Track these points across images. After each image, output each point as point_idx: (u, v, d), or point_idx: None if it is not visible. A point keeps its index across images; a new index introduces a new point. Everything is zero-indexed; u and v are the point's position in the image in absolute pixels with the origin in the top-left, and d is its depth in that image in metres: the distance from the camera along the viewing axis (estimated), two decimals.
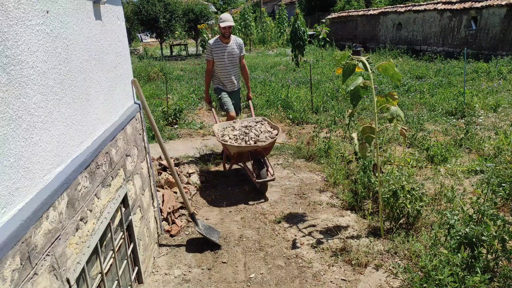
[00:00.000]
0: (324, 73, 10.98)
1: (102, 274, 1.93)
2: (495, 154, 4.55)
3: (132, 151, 2.60)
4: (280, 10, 23.92)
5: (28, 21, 1.37)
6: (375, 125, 3.04)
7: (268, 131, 4.31)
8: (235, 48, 4.91)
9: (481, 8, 12.19)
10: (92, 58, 1.98)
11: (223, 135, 4.28)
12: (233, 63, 4.94)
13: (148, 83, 10.88)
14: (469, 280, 2.18)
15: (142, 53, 19.06)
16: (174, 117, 6.90)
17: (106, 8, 2.29)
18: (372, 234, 3.22)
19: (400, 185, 3.17)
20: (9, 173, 1.20)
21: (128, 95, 2.69)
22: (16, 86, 1.27)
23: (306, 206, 3.83)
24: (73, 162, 1.65)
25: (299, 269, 2.87)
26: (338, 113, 6.74)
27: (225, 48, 4.84)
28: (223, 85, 5.00)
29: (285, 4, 27.15)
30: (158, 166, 4.28)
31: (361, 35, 19.09)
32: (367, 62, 2.98)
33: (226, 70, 4.91)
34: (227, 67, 4.90)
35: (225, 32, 4.75)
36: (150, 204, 3.02)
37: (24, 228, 1.22)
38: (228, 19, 4.77)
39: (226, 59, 4.86)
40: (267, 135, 4.21)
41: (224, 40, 4.82)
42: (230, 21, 4.77)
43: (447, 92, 7.97)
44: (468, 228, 2.47)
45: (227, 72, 4.92)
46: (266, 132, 4.27)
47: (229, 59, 4.88)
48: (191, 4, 21.77)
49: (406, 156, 4.59)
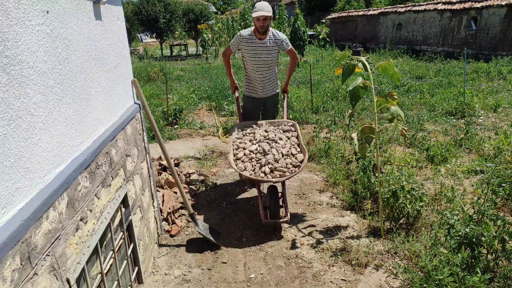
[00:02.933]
0: (324, 73, 10.98)
1: (102, 274, 1.93)
2: (495, 154, 4.55)
3: (132, 151, 2.60)
4: (280, 10, 23.91)
5: (28, 21, 1.37)
6: (375, 125, 3.04)
7: (292, 155, 3.41)
8: (272, 47, 3.89)
9: (481, 8, 12.19)
10: (92, 58, 1.98)
11: (238, 148, 3.57)
12: (268, 64, 3.95)
13: (148, 83, 10.88)
14: (469, 280, 2.18)
15: (142, 53, 19.06)
16: (174, 117, 6.90)
17: (106, 8, 2.29)
18: (372, 234, 3.22)
19: (400, 185, 3.17)
20: (9, 173, 1.20)
21: (128, 95, 2.69)
22: (16, 86, 1.27)
23: (306, 206, 3.83)
24: (73, 162, 1.65)
25: (299, 269, 2.87)
26: (338, 113, 6.74)
27: (258, 46, 3.86)
28: (254, 90, 4.08)
29: (285, 4, 27.14)
30: (158, 166, 4.28)
31: (361, 35, 19.09)
32: (367, 62, 2.98)
33: (259, 72, 3.97)
34: (260, 69, 3.95)
35: (260, 26, 3.74)
36: (150, 204, 3.02)
37: (24, 228, 1.22)
38: (263, 8, 3.68)
39: (258, 59, 3.91)
40: (289, 161, 3.33)
41: (258, 36, 3.83)
42: (265, 10, 3.67)
43: (447, 92, 7.97)
44: (468, 228, 2.47)
45: (259, 75, 3.98)
46: (288, 157, 3.38)
47: (263, 59, 3.90)
48: (191, 4, 21.79)
49: (406, 156, 4.59)
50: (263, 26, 3.73)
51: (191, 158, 5.21)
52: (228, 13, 25.63)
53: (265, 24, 3.73)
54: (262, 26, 3.73)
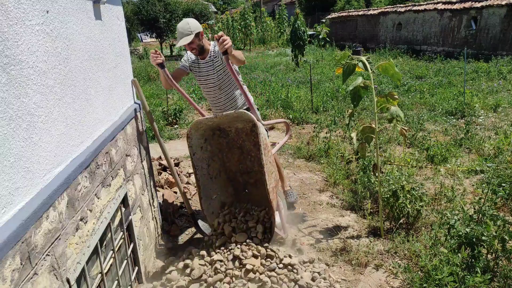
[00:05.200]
0: (324, 73, 10.98)
1: (102, 274, 1.93)
2: (495, 154, 4.55)
3: (132, 151, 2.60)
4: (280, 10, 23.93)
5: (28, 21, 1.37)
6: (375, 125, 3.04)
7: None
8: (216, 63, 3.18)
9: (481, 8, 12.19)
10: (92, 58, 1.98)
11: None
12: (221, 84, 3.26)
13: (148, 83, 10.88)
14: (469, 280, 2.18)
15: (142, 53, 19.06)
16: (174, 117, 6.90)
17: (106, 8, 2.29)
18: (372, 234, 3.22)
19: (400, 185, 3.17)
20: (9, 173, 1.20)
21: (128, 95, 2.69)
22: (16, 86, 1.27)
23: (306, 206, 3.83)
24: (73, 162, 1.65)
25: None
26: (338, 113, 6.74)
27: (201, 66, 3.24)
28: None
29: (285, 4, 27.15)
30: (158, 166, 4.28)
31: (361, 35, 19.09)
32: (367, 62, 2.98)
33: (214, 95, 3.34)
34: (212, 91, 3.32)
35: (191, 50, 3.11)
36: (150, 204, 3.02)
37: (24, 228, 1.22)
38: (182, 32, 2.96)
39: (206, 82, 3.27)
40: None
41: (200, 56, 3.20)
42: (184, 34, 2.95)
43: (447, 92, 7.97)
44: (468, 228, 2.47)
45: (215, 98, 3.36)
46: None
47: (212, 80, 3.25)
48: (191, 4, 21.82)
49: (406, 156, 4.59)
50: (194, 49, 3.07)
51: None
52: (228, 13, 25.63)
53: (195, 47, 3.05)
54: (193, 49, 3.08)
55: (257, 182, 3.19)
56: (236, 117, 2.87)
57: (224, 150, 3.21)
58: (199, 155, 3.02)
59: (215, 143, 3.16)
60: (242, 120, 2.98)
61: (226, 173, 3.27)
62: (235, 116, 2.84)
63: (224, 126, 3.11)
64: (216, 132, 3.14)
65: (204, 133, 3.04)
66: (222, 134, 3.17)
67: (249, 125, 3.04)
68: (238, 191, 3.31)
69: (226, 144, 3.20)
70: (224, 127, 3.13)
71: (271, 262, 2.55)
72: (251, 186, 3.26)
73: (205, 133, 3.06)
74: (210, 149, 3.12)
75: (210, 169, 3.13)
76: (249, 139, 3.12)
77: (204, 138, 3.07)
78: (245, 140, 3.14)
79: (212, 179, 3.14)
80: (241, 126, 3.09)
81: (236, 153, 3.22)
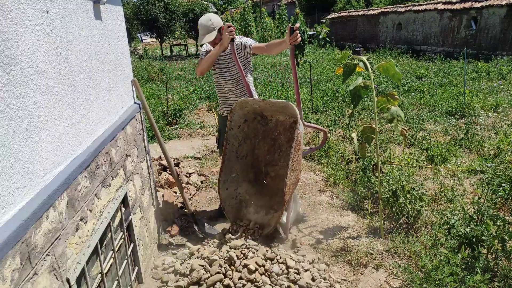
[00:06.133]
0: (324, 73, 10.98)
1: (102, 274, 1.93)
2: (495, 154, 4.55)
3: (132, 151, 2.60)
4: (280, 10, 23.92)
5: (28, 21, 1.37)
6: (375, 125, 3.04)
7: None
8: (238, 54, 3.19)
9: (481, 8, 12.19)
10: (92, 58, 1.98)
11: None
12: (239, 77, 3.29)
13: (148, 83, 10.88)
14: (469, 280, 2.18)
15: (142, 53, 19.05)
16: (174, 117, 6.90)
17: (106, 8, 2.29)
18: (372, 234, 3.22)
19: (400, 185, 3.17)
20: (9, 173, 1.20)
21: (128, 95, 2.69)
22: (16, 86, 1.27)
23: (306, 206, 3.83)
24: (73, 162, 1.65)
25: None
26: (338, 113, 6.74)
27: (221, 58, 3.26)
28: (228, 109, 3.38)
29: (285, 4, 27.14)
30: (158, 166, 4.28)
31: (361, 35, 19.09)
32: (368, 62, 2.98)
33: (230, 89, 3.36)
34: (230, 84, 3.34)
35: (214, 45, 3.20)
36: (150, 204, 3.02)
37: (24, 228, 1.22)
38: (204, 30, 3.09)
39: (226, 74, 3.30)
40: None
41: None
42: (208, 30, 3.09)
43: (447, 92, 7.97)
44: (468, 228, 2.47)
45: (231, 91, 3.37)
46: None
47: (232, 72, 3.28)
48: (191, 4, 21.80)
49: (406, 156, 4.59)
50: (217, 43, 3.15)
51: (191, 158, 5.21)
52: (228, 13, 25.63)
53: (218, 41, 3.13)
54: (215, 44, 3.16)
55: (277, 176, 3.29)
56: (282, 107, 2.96)
57: (259, 137, 3.32)
58: (235, 132, 3.15)
59: (253, 127, 3.28)
60: (286, 113, 3.07)
61: (252, 158, 3.37)
62: (281, 106, 2.93)
63: (267, 114, 3.22)
64: (258, 117, 3.26)
65: (247, 113, 3.18)
66: (262, 121, 3.28)
67: (290, 120, 3.14)
68: (257, 179, 3.40)
69: (262, 132, 3.30)
70: (266, 115, 3.24)
71: (271, 262, 2.56)
72: (270, 178, 3.35)
73: (248, 114, 3.19)
74: (246, 131, 3.24)
75: (240, 148, 3.25)
76: (285, 134, 3.21)
77: (245, 118, 3.20)
78: (281, 133, 3.24)
79: (238, 158, 3.26)
80: (282, 119, 3.18)
81: (268, 144, 3.32)
